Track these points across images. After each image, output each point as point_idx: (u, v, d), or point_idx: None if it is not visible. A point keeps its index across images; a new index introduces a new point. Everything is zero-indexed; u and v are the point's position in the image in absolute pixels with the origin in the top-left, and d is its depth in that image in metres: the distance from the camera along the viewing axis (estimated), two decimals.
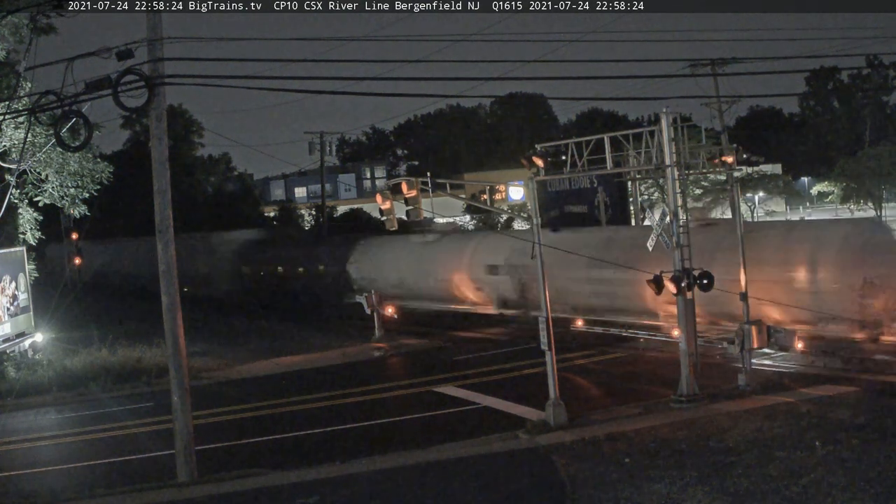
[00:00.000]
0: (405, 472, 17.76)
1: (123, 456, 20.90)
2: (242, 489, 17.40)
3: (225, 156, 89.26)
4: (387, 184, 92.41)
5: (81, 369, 30.29)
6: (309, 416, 24.06)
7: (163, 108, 18.14)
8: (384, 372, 30.50)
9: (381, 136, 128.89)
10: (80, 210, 34.04)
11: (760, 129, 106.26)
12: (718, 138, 52.37)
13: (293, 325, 42.29)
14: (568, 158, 23.51)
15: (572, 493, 15.67)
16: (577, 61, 30.84)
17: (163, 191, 18.24)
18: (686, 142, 23.36)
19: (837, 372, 23.41)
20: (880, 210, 62.79)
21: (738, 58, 48.65)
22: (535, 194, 21.72)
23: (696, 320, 22.09)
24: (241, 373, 31.17)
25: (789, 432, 18.01)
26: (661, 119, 21.73)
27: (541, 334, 20.73)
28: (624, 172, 30.35)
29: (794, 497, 14.43)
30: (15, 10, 28.52)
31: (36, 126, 26.84)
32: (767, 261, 24.14)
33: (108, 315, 44.44)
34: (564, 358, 26.11)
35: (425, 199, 23.03)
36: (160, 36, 17.62)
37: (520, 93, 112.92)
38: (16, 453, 22.09)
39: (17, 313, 32.29)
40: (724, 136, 52.10)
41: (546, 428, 19.99)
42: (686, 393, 21.19)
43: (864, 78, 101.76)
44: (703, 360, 23.35)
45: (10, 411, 26.40)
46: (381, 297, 35.58)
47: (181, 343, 18.33)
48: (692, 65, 49.61)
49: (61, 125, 19.71)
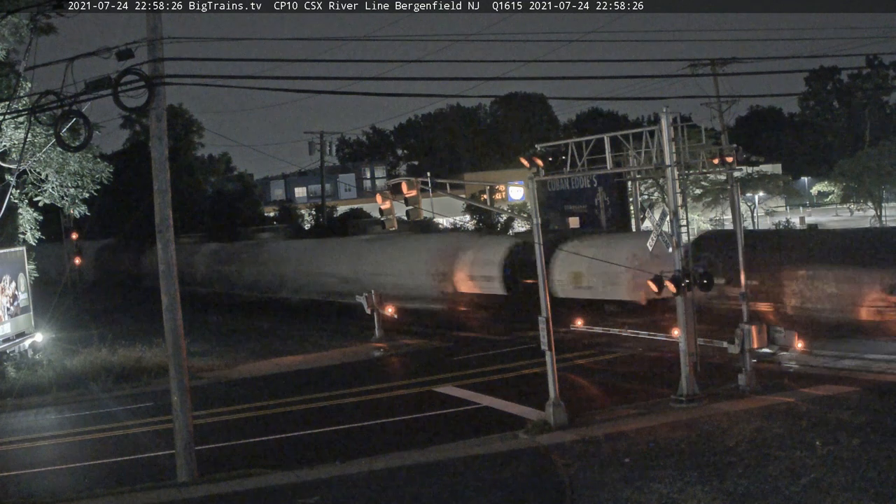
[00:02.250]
0: (405, 472, 17.76)
1: (123, 456, 20.89)
2: (242, 489, 17.40)
3: (225, 156, 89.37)
4: (387, 184, 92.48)
5: (81, 369, 30.29)
6: (309, 416, 24.06)
7: (163, 108, 18.14)
8: (384, 372, 30.50)
9: (381, 136, 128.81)
10: (80, 210, 34.06)
11: (760, 129, 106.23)
12: (718, 138, 52.34)
13: (293, 325, 42.38)
14: (568, 158, 23.50)
15: (572, 493, 15.68)
16: (577, 61, 30.81)
17: (163, 191, 18.24)
18: (686, 142, 23.36)
19: (837, 372, 23.43)
20: (880, 210, 62.77)
21: (738, 58, 48.63)
22: (535, 194, 21.71)
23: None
24: (241, 373, 31.17)
25: (789, 432, 18.01)
26: (661, 119, 21.72)
27: (541, 334, 20.73)
28: (624, 172, 30.39)
29: (794, 497, 14.44)
30: (15, 10, 28.52)
31: (36, 126, 26.86)
32: (398, 258, 40.18)
33: (107, 315, 44.55)
34: (564, 358, 26.11)
35: (425, 199, 23.04)
36: (160, 36, 17.61)
37: (520, 93, 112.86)
38: (16, 453, 22.07)
39: (17, 313, 32.28)
40: (724, 136, 52.04)
41: (546, 428, 19.99)
42: (686, 393, 21.19)
43: (864, 78, 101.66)
44: (703, 360, 23.35)
45: (10, 411, 26.39)
46: (381, 297, 35.60)
47: (181, 343, 18.34)
48: (692, 65, 49.58)
49: (61, 125, 19.70)
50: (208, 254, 55.05)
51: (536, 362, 24.58)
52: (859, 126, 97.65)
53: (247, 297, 50.45)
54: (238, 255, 52.33)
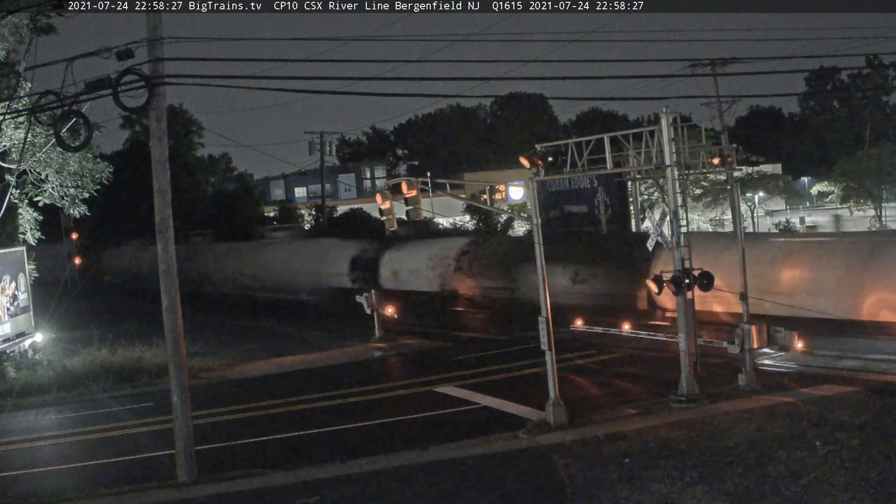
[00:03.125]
0: (405, 472, 17.76)
1: (123, 456, 20.88)
2: (242, 489, 17.41)
3: (225, 156, 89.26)
4: (387, 184, 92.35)
5: (81, 369, 30.27)
6: (309, 416, 24.06)
7: (163, 108, 18.14)
8: (384, 372, 30.50)
9: (381, 136, 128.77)
10: (80, 210, 34.07)
11: (760, 129, 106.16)
12: (718, 138, 52.36)
13: (293, 324, 42.44)
14: (568, 158, 23.49)
15: (572, 492, 15.68)
16: (577, 61, 30.79)
17: (163, 191, 18.24)
18: (686, 142, 23.34)
19: (837, 372, 23.42)
20: (880, 210, 62.78)
21: (738, 58, 48.61)
22: (535, 194, 21.71)
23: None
24: (241, 373, 31.18)
25: (789, 432, 18.00)
26: (661, 119, 21.72)
27: (541, 334, 20.73)
28: (624, 172, 30.36)
29: (794, 497, 14.44)
30: (15, 10, 28.52)
31: (36, 126, 26.85)
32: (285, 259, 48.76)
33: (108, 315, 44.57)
34: (564, 358, 26.09)
35: (425, 199, 23.05)
36: (160, 36, 17.62)
37: (520, 93, 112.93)
38: (16, 453, 22.07)
39: (17, 313, 32.29)
40: (724, 136, 52.09)
41: (546, 428, 19.99)
42: (686, 393, 21.19)
43: (864, 78, 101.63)
44: (703, 360, 23.35)
45: (10, 411, 26.37)
46: (380, 296, 35.77)
47: (181, 343, 18.34)
48: (692, 65, 49.61)
49: (61, 125, 19.70)
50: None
51: (536, 362, 24.57)
52: (859, 126, 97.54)
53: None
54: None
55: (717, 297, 25.47)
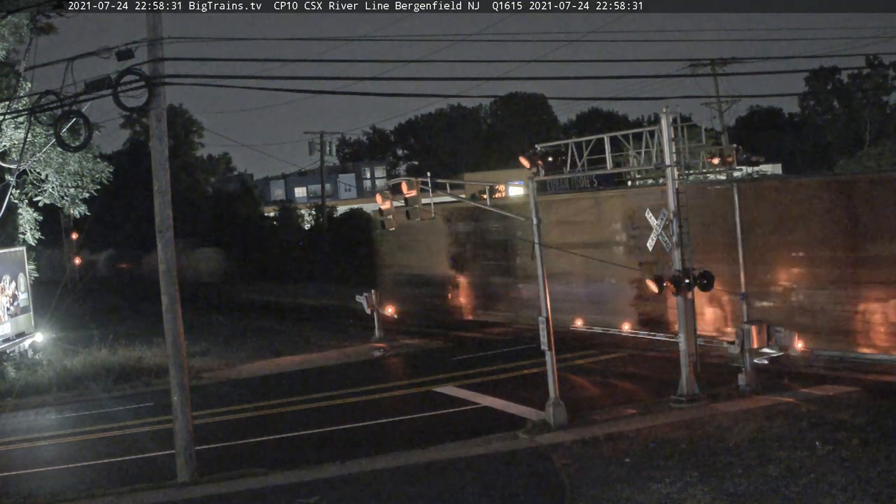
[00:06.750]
0: (405, 472, 17.76)
1: (123, 456, 20.88)
2: (242, 489, 17.42)
3: (225, 156, 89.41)
4: (387, 184, 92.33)
5: (81, 369, 30.28)
6: (309, 416, 24.06)
7: (163, 108, 18.14)
8: (384, 372, 30.50)
9: (381, 136, 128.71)
10: (80, 210, 34.08)
11: (760, 129, 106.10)
12: (718, 138, 52.34)
13: (293, 324, 42.41)
14: (568, 158, 23.49)
15: (572, 493, 15.68)
16: (577, 61, 30.86)
17: (163, 191, 18.24)
18: (686, 142, 23.36)
19: (837, 372, 23.42)
20: None
21: (738, 58, 48.66)
22: (534, 194, 21.70)
23: None
24: (241, 373, 31.17)
25: (789, 432, 18.00)
26: (661, 119, 21.72)
27: (541, 334, 20.72)
28: (624, 172, 30.34)
29: (794, 497, 14.44)
30: (15, 10, 28.54)
31: (36, 126, 26.87)
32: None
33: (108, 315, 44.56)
34: (564, 358, 26.09)
35: (425, 199, 23.03)
36: (160, 36, 17.62)
37: (520, 93, 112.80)
38: (16, 453, 22.08)
39: (17, 313, 32.30)
40: (724, 136, 52.07)
41: (546, 428, 19.99)
42: (686, 393, 21.19)
43: (864, 78, 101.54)
44: (703, 360, 23.35)
45: (10, 411, 26.39)
46: (381, 296, 35.73)
47: (181, 343, 18.34)
48: (692, 65, 49.61)
49: (61, 125, 19.70)
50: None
51: (536, 362, 24.57)
52: (859, 126, 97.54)
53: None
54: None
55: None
